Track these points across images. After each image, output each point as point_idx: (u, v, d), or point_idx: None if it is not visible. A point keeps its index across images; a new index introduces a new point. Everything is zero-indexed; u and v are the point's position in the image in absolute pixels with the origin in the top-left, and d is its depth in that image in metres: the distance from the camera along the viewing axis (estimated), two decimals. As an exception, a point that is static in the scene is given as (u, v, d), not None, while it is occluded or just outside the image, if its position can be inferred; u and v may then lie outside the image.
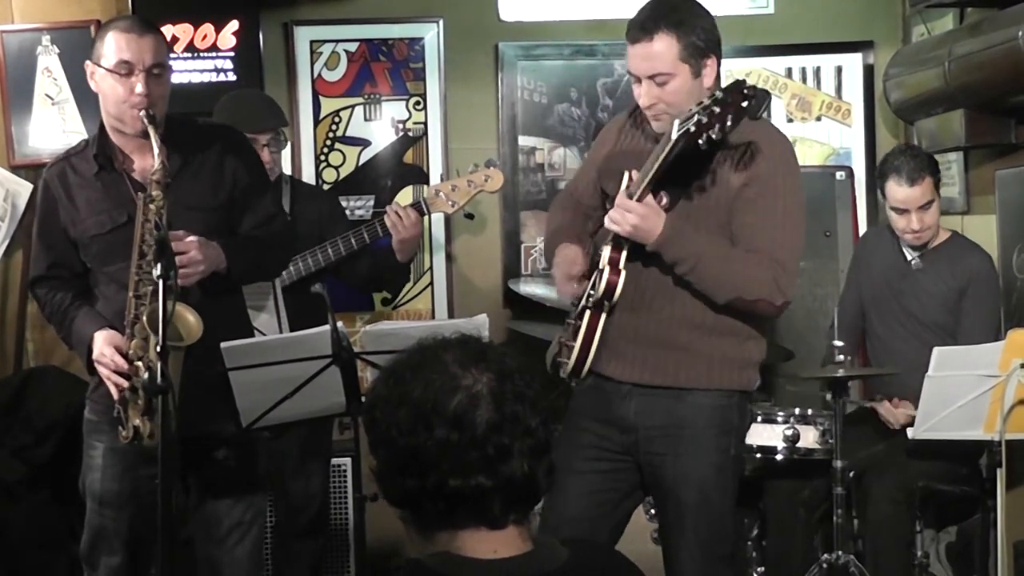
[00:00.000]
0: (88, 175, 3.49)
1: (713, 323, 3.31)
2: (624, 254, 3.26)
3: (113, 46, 3.39)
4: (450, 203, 4.63)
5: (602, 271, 3.27)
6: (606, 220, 3.25)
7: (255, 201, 3.61)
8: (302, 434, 4.41)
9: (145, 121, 3.33)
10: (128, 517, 3.52)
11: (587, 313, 3.34)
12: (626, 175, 3.24)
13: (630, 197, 3.18)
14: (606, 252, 3.27)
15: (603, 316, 3.33)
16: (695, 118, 3.04)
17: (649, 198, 3.19)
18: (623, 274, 3.25)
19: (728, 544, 3.46)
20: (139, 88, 3.35)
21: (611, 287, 3.26)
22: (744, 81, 3.05)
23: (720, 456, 3.35)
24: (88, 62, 3.48)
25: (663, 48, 3.22)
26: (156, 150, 3.30)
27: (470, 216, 4.89)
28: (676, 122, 3.09)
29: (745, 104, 3.04)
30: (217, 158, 3.55)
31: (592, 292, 3.30)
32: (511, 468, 1.83)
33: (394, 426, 1.84)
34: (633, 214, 3.17)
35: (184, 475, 3.51)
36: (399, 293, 5.22)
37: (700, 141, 3.06)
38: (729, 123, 3.02)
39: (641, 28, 3.26)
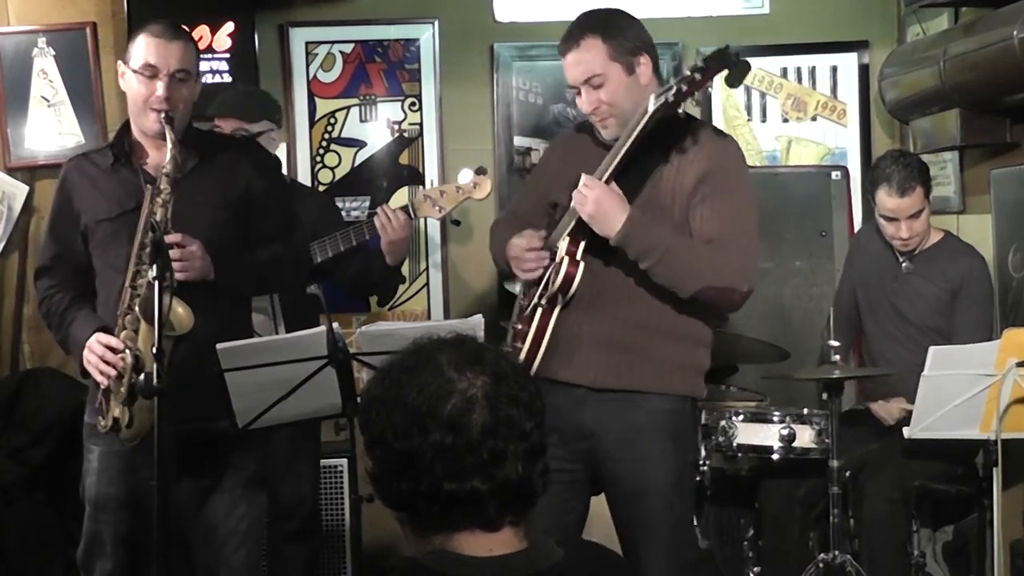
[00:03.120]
0: (104, 166, 3.57)
1: (668, 327, 3.33)
2: (581, 247, 3.26)
3: (141, 49, 3.48)
4: (437, 208, 4.61)
5: (560, 263, 3.26)
6: (573, 201, 3.24)
7: (269, 210, 3.65)
8: (291, 436, 4.39)
9: (163, 122, 3.41)
10: (124, 521, 3.51)
11: (538, 311, 3.33)
12: (583, 177, 3.24)
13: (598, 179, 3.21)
14: (563, 245, 3.28)
15: (555, 314, 3.32)
16: (674, 88, 3.08)
17: (614, 184, 3.20)
18: (581, 266, 3.25)
19: (694, 550, 3.46)
20: (160, 91, 3.43)
21: (569, 278, 3.25)
22: (728, 48, 3.08)
23: (677, 459, 3.36)
24: (119, 62, 3.58)
25: (590, 50, 3.31)
26: (170, 146, 3.39)
27: (456, 222, 4.90)
28: (652, 96, 3.13)
29: (726, 72, 3.08)
30: (232, 162, 3.62)
31: (545, 289, 3.30)
32: (505, 471, 1.83)
33: (389, 429, 1.84)
34: (596, 191, 3.18)
35: (180, 478, 3.52)
36: (390, 298, 5.21)
37: (680, 110, 3.11)
38: (710, 88, 3.08)
39: (568, 38, 3.38)
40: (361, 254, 4.56)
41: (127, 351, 3.36)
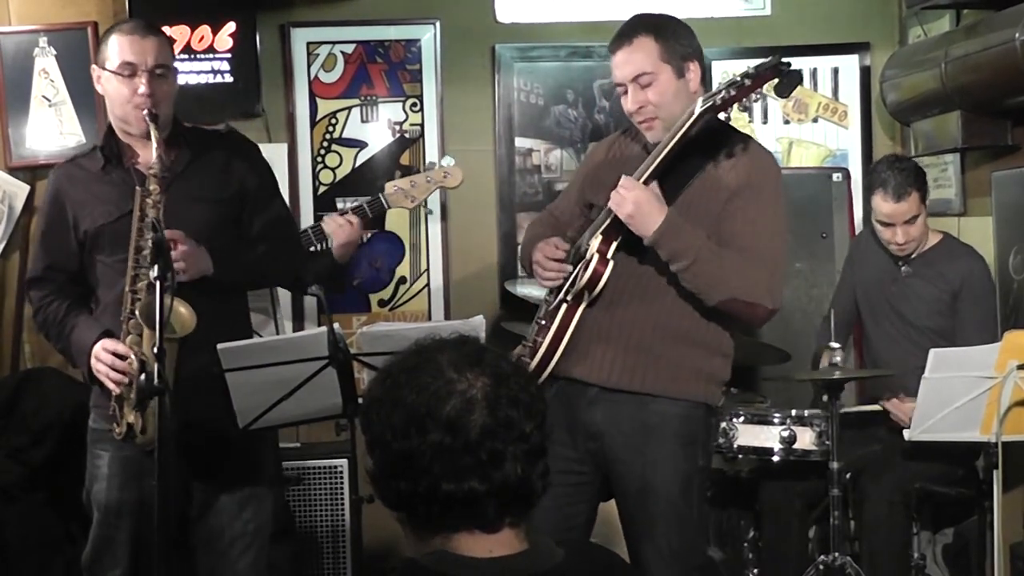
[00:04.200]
0: (95, 170, 3.55)
1: (686, 332, 3.32)
2: (613, 246, 3.26)
3: (116, 48, 3.46)
4: (409, 199, 4.64)
5: (589, 260, 3.26)
6: (610, 201, 3.24)
7: (265, 206, 3.65)
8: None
9: (147, 119, 3.39)
10: (134, 526, 3.50)
11: (563, 307, 3.33)
12: (622, 178, 3.24)
13: (637, 179, 3.20)
14: (595, 243, 3.27)
15: (579, 310, 3.32)
16: (722, 92, 3.09)
17: (654, 184, 3.19)
18: (611, 264, 3.25)
19: (700, 555, 3.45)
20: (142, 88, 3.42)
21: (597, 276, 3.25)
22: (780, 58, 3.09)
23: (687, 465, 3.33)
24: (93, 66, 3.56)
25: (643, 49, 3.30)
26: (155, 145, 3.37)
27: (430, 211, 4.95)
28: (699, 99, 3.14)
29: (776, 81, 3.09)
30: (225, 159, 3.61)
31: (572, 286, 3.29)
32: (504, 473, 1.83)
33: (388, 429, 1.84)
34: (635, 192, 3.17)
35: (187, 482, 3.53)
36: (343, 290, 5.21)
37: (723, 115, 3.13)
38: (756, 97, 3.11)
39: (621, 35, 3.36)
40: (314, 258, 4.55)
41: (134, 356, 3.35)
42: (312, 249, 4.50)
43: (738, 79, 3.08)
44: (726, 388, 4.87)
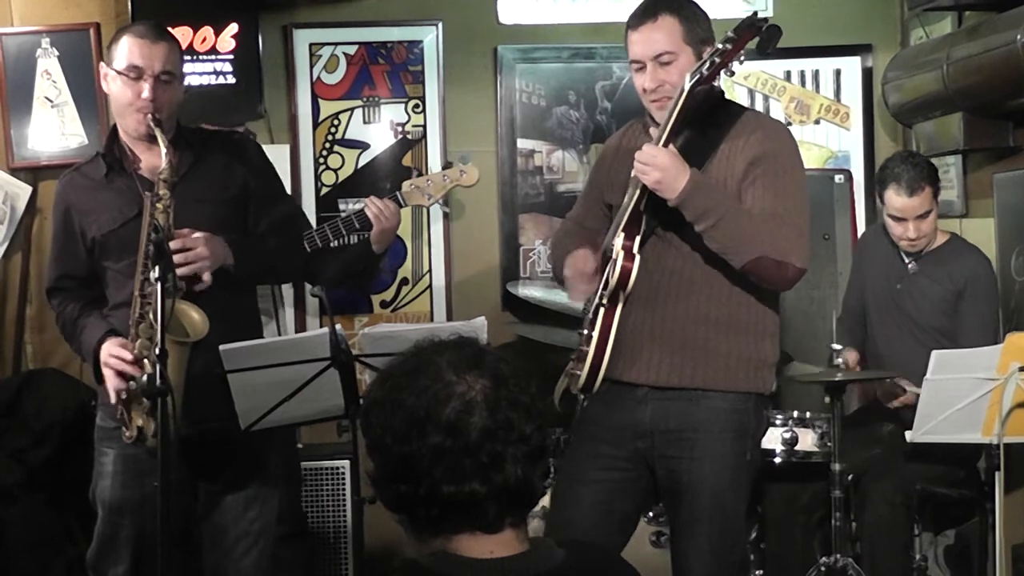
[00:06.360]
0: (98, 177, 3.56)
1: (729, 320, 3.30)
2: (637, 241, 3.25)
3: (125, 50, 3.48)
4: (425, 196, 4.62)
5: (615, 260, 3.24)
6: (634, 170, 3.21)
7: (270, 204, 3.66)
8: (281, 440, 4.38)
9: (151, 124, 3.41)
10: (139, 524, 3.51)
11: (601, 312, 3.31)
12: (644, 147, 3.21)
13: None
14: (618, 241, 3.25)
15: (618, 311, 3.29)
16: (707, 62, 3.10)
17: (673, 148, 3.19)
18: (637, 259, 3.22)
19: (740, 550, 3.44)
20: (145, 93, 3.43)
21: (626, 273, 3.22)
22: (755, 15, 3.10)
23: (736, 460, 3.33)
24: (102, 64, 3.58)
25: (667, 29, 3.30)
26: (164, 150, 3.39)
27: (446, 213, 4.92)
28: (687, 75, 3.15)
29: (756, 39, 3.10)
30: (227, 160, 3.63)
31: (605, 287, 3.28)
32: (504, 475, 1.83)
33: (388, 432, 1.85)
34: (661, 157, 3.15)
35: (195, 480, 3.53)
36: (369, 285, 5.20)
37: (715, 83, 3.13)
38: (743, 56, 3.10)
39: (644, 12, 3.34)
40: (337, 249, 4.53)
41: (145, 360, 3.34)
42: (339, 242, 4.48)
43: (720, 46, 3.09)
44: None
